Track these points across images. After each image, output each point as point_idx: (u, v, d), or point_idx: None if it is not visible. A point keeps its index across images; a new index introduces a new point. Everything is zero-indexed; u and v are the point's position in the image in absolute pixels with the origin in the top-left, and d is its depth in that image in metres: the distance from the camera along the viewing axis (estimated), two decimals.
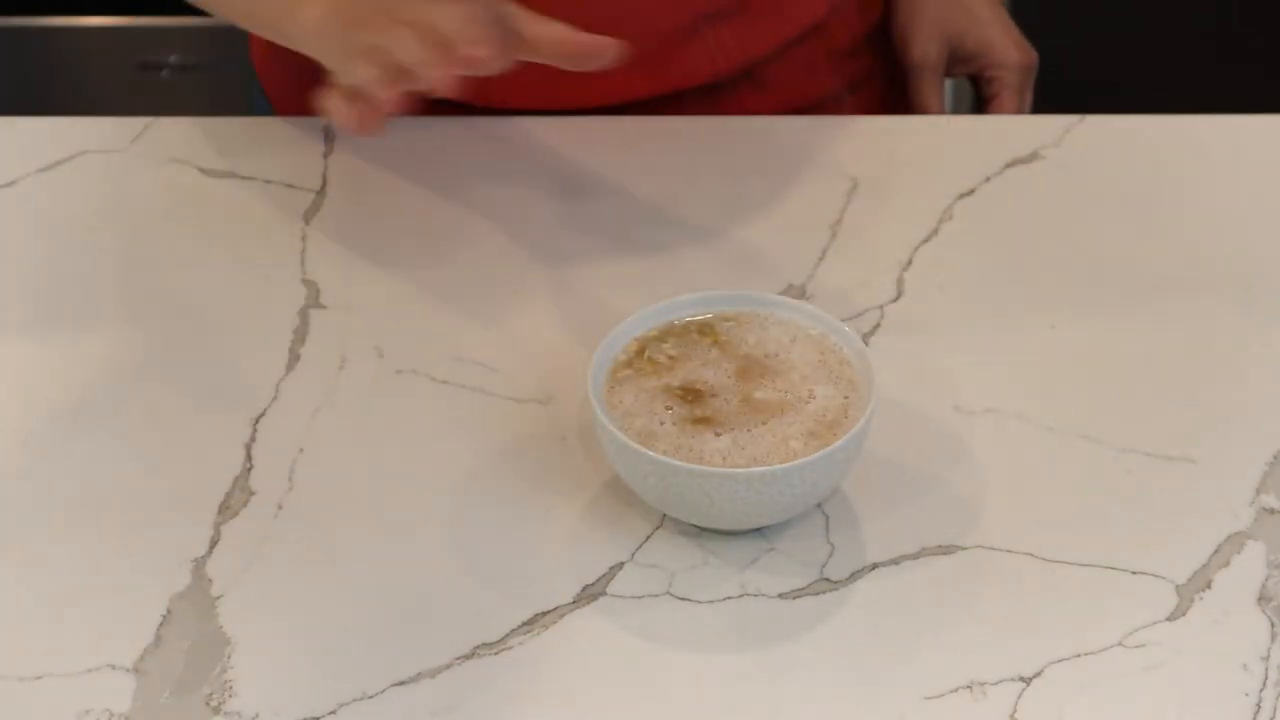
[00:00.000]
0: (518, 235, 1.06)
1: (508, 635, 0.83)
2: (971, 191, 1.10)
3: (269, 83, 1.22)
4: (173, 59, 2.11)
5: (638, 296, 0.99)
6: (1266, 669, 0.81)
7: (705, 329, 0.91)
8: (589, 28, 1.11)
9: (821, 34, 1.20)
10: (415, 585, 0.86)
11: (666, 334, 0.91)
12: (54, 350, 0.99)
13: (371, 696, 0.81)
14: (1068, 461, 0.92)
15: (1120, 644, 0.82)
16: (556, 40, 0.95)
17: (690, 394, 0.87)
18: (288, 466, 0.92)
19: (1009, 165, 1.11)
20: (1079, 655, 0.82)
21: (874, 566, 0.86)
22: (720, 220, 1.07)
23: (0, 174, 1.11)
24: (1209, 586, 0.85)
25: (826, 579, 0.86)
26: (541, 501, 0.89)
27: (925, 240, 1.06)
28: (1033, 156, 1.12)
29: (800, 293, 1.02)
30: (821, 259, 1.05)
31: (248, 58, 1.25)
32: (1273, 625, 0.83)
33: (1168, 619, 0.84)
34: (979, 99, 1.28)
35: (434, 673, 0.82)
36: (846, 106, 1.22)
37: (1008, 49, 1.26)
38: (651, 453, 0.83)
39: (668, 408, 0.87)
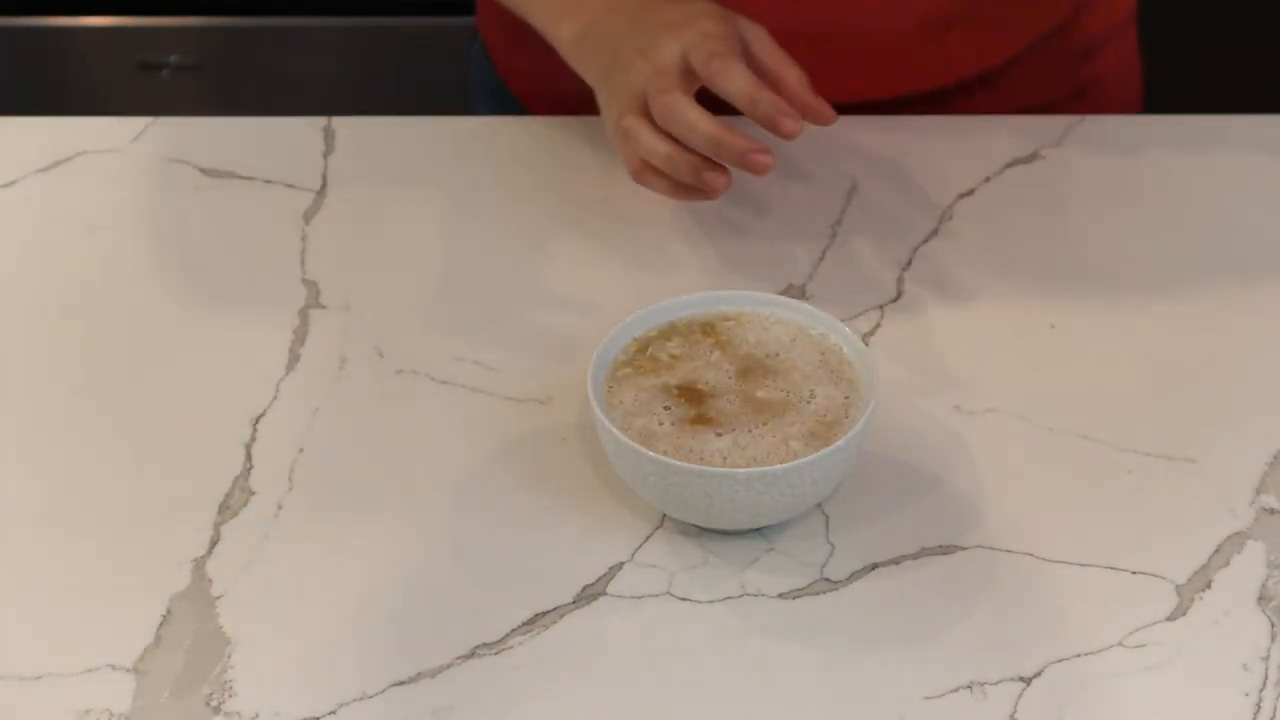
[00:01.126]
0: (518, 235, 1.06)
1: (508, 635, 0.83)
2: (971, 191, 1.10)
3: (490, 36, 1.23)
4: (173, 59, 2.11)
5: (637, 297, 0.99)
6: (1266, 669, 0.81)
7: (708, 329, 0.91)
8: (818, 33, 1.11)
9: (1060, 38, 1.18)
10: (415, 585, 0.86)
11: (671, 332, 0.91)
12: (54, 350, 0.99)
13: (371, 696, 0.81)
14: (1068, 461, 0.92)
15: (1120, 644, 0.82)
16: (791, 84, 0.97)
17: (691, 394, 0.87)
18: (288, 466, 0.92)
19: (1009, 165, 1.11)
20: (1079, 655, 0.82)
21: (874, 566, 0.86)
22: (721, 220, 1.07)
23: (0, 174, 1.11)
24: (1209, 586, 0.85)
25: (826, 579, 0.86)
26: (541, 501, 0.89)
27: (925, 240, 1.06)
28: (1033, 156, 1.12)
29: (800, 293, 1.02)
30: (821, 259, 1.05)
31: (247, 58, 1.25)
32: (1273, 625, 0.83)
33: (1168, 619, 0.84)
34: None
35: (434, 673, 0.82)
36: (1081, 108, 1.19)
37: None
38: (651, 453, 0.83)
39: (666, 407, 0.87)
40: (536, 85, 1.20)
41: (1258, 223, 1.07)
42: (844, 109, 1.12)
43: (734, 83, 0.93)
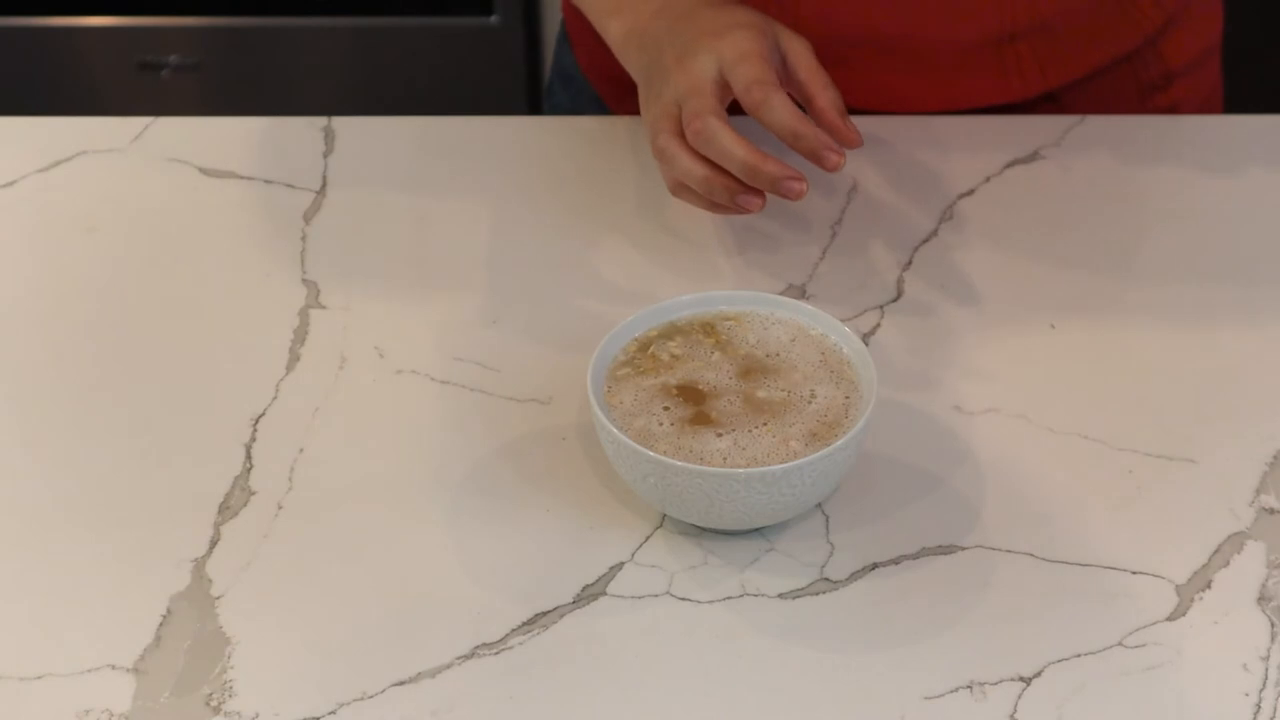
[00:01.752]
0: (518, 235, 1.06)
1: (508, 635, 0.83)
2: (971, 191, 1.10)
3: (576, 33, 1.23)
4: (173, 59, 2.11)
5: (638, 296, 0.99)
6: (1266, 669, 0.81)
7: (708, 329, 0.91)
8: (881, 43, 1.11)
9: (1132, 64, 1.17)
10: (415, 585, 0.86)
11: (673, 332, 0.91)
12: (54, 350, 0.99)
13: (371, 696, 0.81)
14: (1068, 462, 0.92)
15: (1120, 644, 0.82)
16: (820, 103, 0.96)
17: (691, 394, 0.88)
18: (288, 466, 0.92)
19: (1009, 165, 1.11)
20: (1079, 655, 0.82)
21: (874, 566, 0.86)
22: (720, 220, 1.07)
23: (0, 174, 1.12)
24: (1209, 586, 0.85)
25: (826, 579, 0.86)
26: (541, 501, 0.89)
27: (925, 240, 1.06)
28: (1033, 156, 1.12)
29: (800, 293, 1.02)
30: (821, 259, 1.05)
31: (247, 58, 1.25)
32: (1273, 625, 0.83)
33: (1168, 619, 0.84)
34: None
35: (434, 673, 0.82)
36: None
37: None
38: (651, 453, 0.83)
39: (666, 408, 0.87)
40: (615, 78, 1.20)
41: (1258, 222, 1.07)
42: (905, 116, 1.12)
43: (775, 115, 0.93)
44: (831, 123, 0.96)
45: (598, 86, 1.22)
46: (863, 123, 1.15)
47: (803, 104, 0.98)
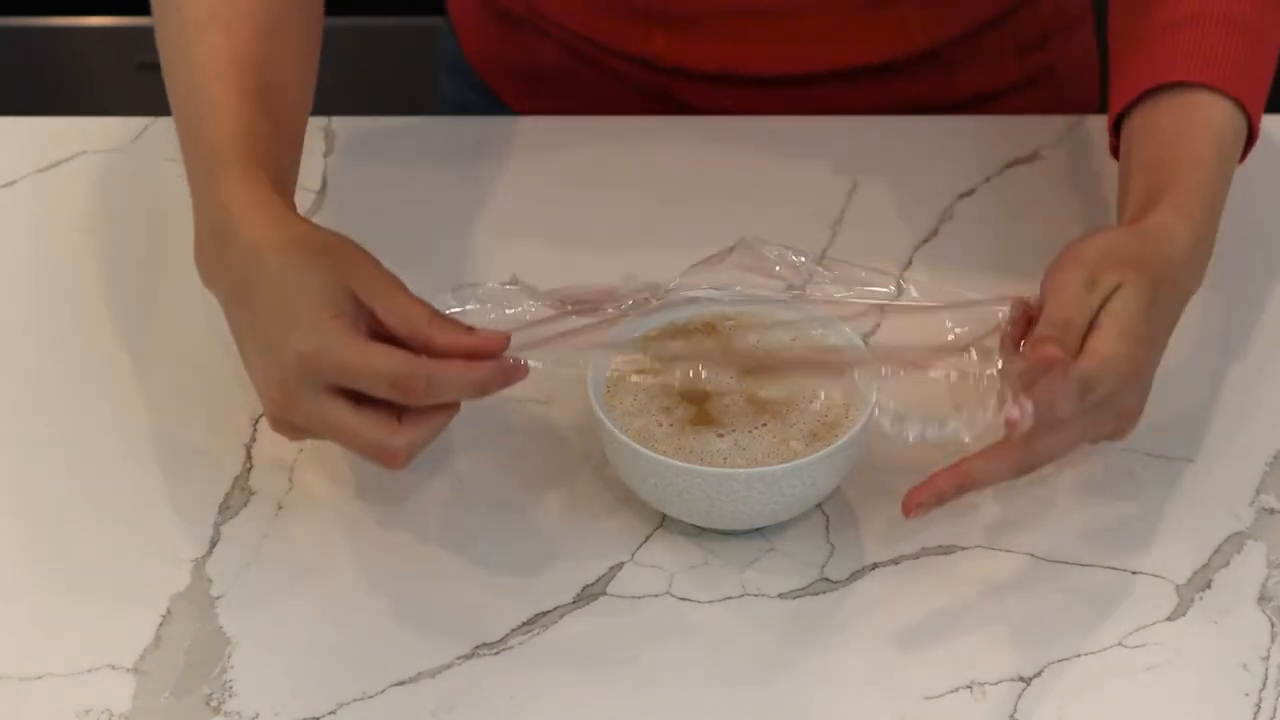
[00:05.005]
0: (517, 235, 1.06)
1: (508, 635, 0.83)
2: (971, 191, 1.10)
3: (463, 28, 1.24)
4: None
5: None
6: (1266, 669, 0.81)
7: (709, 329, 0.91)
8: (768, 14, 1.11)
9: (1010, 24, 1.18)
10: (415, 585, 0.86)
11: (674, 332, 0.91)
12: (54, 350, 0.99)
13: (371, 696, 0.81)
14: (1068, 462, 0.91)
15: (1120, 644, 0.82)
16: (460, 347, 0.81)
17: (691, 394, 0.87)
18: (288, 466, 0.92)
19: (1009, 165, 1.11)
20: (1079, 655, 0.82)
21: (874, 566, 0.86)
22: (721, 220, 1.07)
23: (0, 174, 1.11)
24: (1209, 586, 0.85)
25: (826, 579, 0.86)
26: (541, 501, 0.89)
27: (925, 240, 1.06)
28: (1033, 156, 1.12)
29: (800, 293, 1.02)
30: (821, 259, 1.04)
31: None
32: (1273, 625, 0.83)
33: (1168, 619, 0.84)
34: None
35: (434, 673, 0.82)
36: (1027, 101, 1.20)
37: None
38: (651, 453, 0.83)
39: (666, 408, 0.87)
40: (500, 65, 1.20)
41: (1257, 222, 1.07)
42: (795, 80, 1.13)
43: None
44: (472, 345, 0.81)
45: (489, 79, 1.23)
46: (864, 122, 1.15)
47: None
